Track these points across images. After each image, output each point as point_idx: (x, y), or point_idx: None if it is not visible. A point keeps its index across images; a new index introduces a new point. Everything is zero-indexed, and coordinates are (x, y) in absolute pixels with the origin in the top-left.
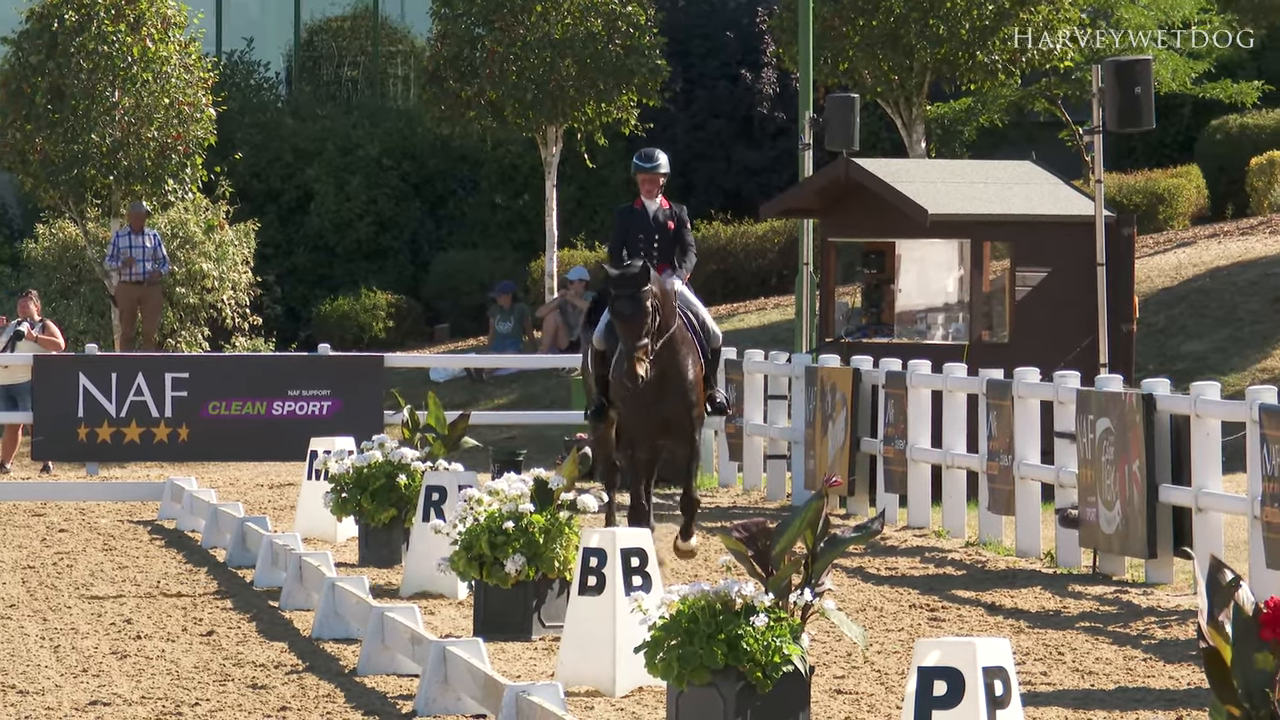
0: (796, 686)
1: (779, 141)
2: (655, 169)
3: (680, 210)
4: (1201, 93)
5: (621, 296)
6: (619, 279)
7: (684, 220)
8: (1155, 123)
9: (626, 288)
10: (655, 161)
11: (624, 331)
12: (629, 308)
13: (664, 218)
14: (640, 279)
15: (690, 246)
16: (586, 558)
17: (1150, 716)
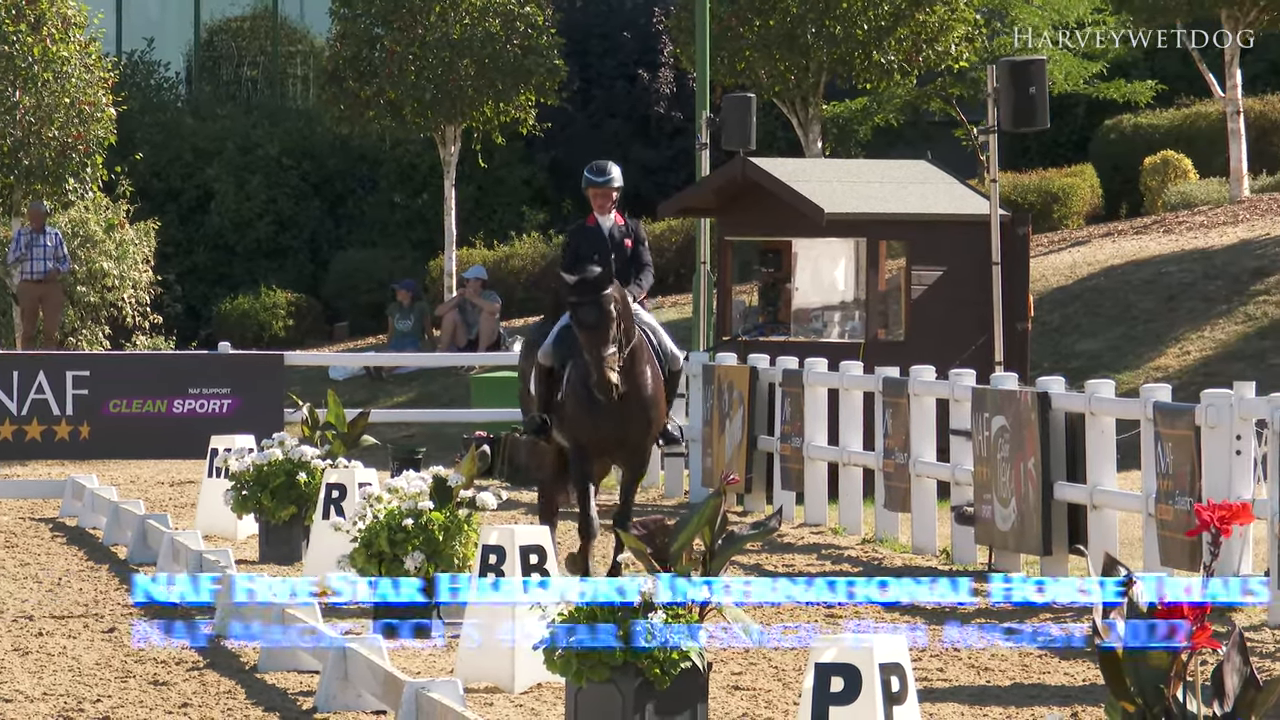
0: (694, 682)
1: (676, 141)
2: (608, 183)
3: (637, 226)
4: (1095, 93)
5: (584, 303)
6: (579, 285)
7: (641, 237)
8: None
9: (588, 293)
10: (608, 175)
11: (589, 340)
12: (593, 314)
13: (620, 235)
14: (601, 283)
15: (647, 265)
16: (486, 555)
17: (1046, 712)
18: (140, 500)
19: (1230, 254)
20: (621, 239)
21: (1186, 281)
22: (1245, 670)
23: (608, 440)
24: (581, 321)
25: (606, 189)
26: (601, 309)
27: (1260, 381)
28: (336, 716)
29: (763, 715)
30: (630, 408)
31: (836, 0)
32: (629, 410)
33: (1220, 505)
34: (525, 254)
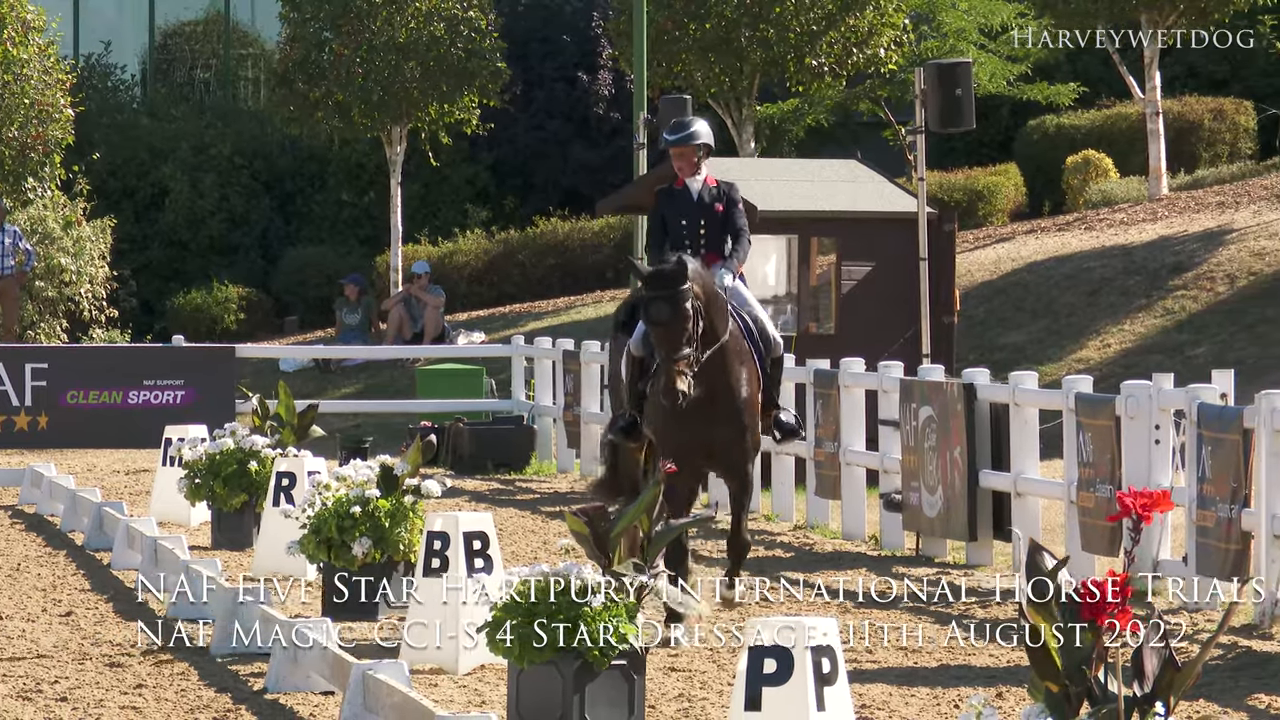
0: (633, 664)
1: (614, 141)
2: (689, 139)
3: (730, 188)
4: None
5: (657, 298)
6: (653, 278)
7: (735, 200)
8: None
9: (662, 287)
10: (688, 129)
11: (661, 340)
12: (666, 312)
13: (710, 198)
14: (677, 277)
15: (743, 231)
16: (430, 541)
17: (971, 693)
18: (97, 488)
19: (1149, 250)
20: (712, 203)
21: (1107, 277)
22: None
23: (692, 447)
24: (653, 318)
25: (688, 147)
26: (676, 306)
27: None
28: (286, 697)
29: (698, 696)
30: (717, 407)
31: (769, 5)
32: (716, 414)
33: (1142, 493)
34: (469, 250)
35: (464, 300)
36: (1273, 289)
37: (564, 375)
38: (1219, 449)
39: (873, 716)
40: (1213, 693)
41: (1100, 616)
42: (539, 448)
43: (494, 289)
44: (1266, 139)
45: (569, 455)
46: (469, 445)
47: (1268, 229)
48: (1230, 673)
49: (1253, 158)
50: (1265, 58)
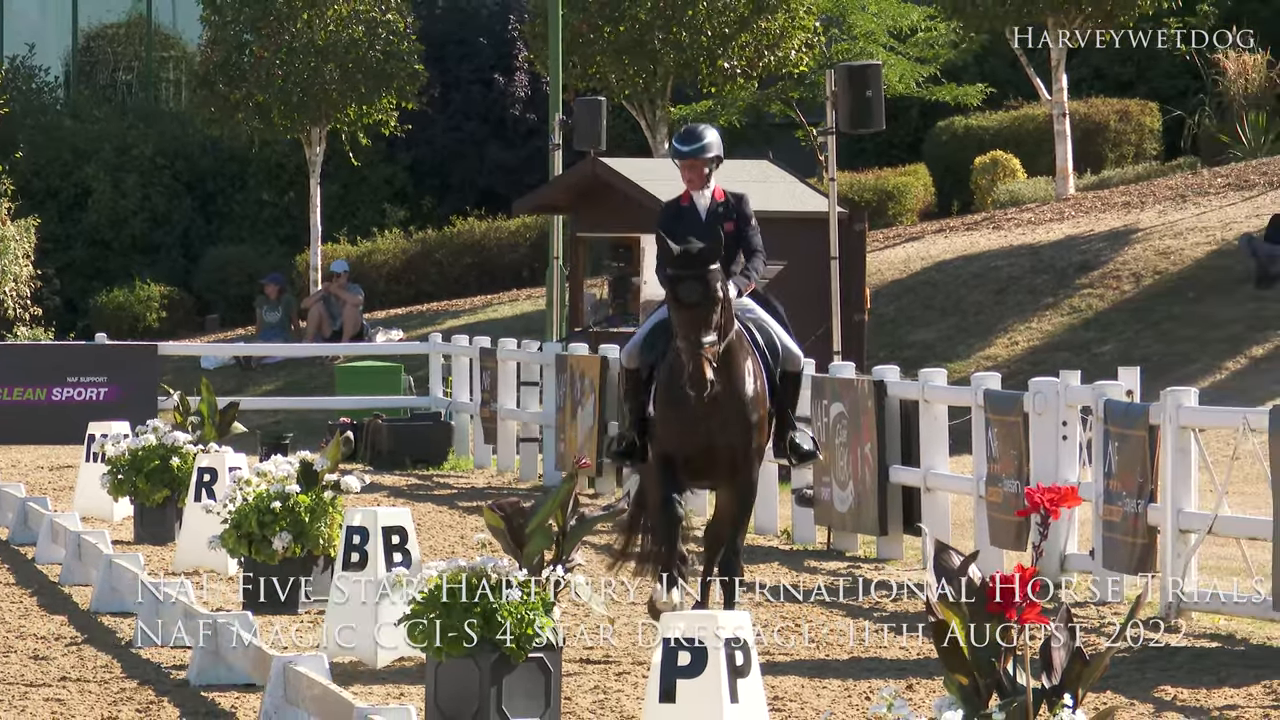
0: (549, 657)
1: (530, 142)
2: (699, 152)
3: (741, 203)
4: (928, 95)
5: (686, 278)
6: (681, 257)
7: (747, 216)
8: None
9: (691, 267)
10: (699, 141)
11: (688, 322)
12: (696, 291)
13: (720, 214)
14: (708, 255)
15: (758, 251)
16: (350, 535)
17: (882, 685)
18: (21, 484)
19: (1056, 249)
20: (721, 219)
21: (1015, 275)
22: (1072, 645)
23: (698, 451)
24: (681, 298)
25: (697, 160)
26: (707, 286)
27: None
28: (208, 690)
29: (614, 688)
30: (725, 412)
31: (683, 8)
32: (723, 415)
33: (1050, 488)
34: (387, 249)
35: (382, 298)
36: (1178, 287)
37: (481, 372)
38: (1125, 445)
39: (785, 708)
40: (1119, 684)
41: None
42: (456, 444)
43: (412, 287)
44: (1171, 140)
45: (486, 451)
46: (387, 441)
47: (1172, 228)
48: (1137, 665)
49: (1158, 158)
50: (1170, 60)
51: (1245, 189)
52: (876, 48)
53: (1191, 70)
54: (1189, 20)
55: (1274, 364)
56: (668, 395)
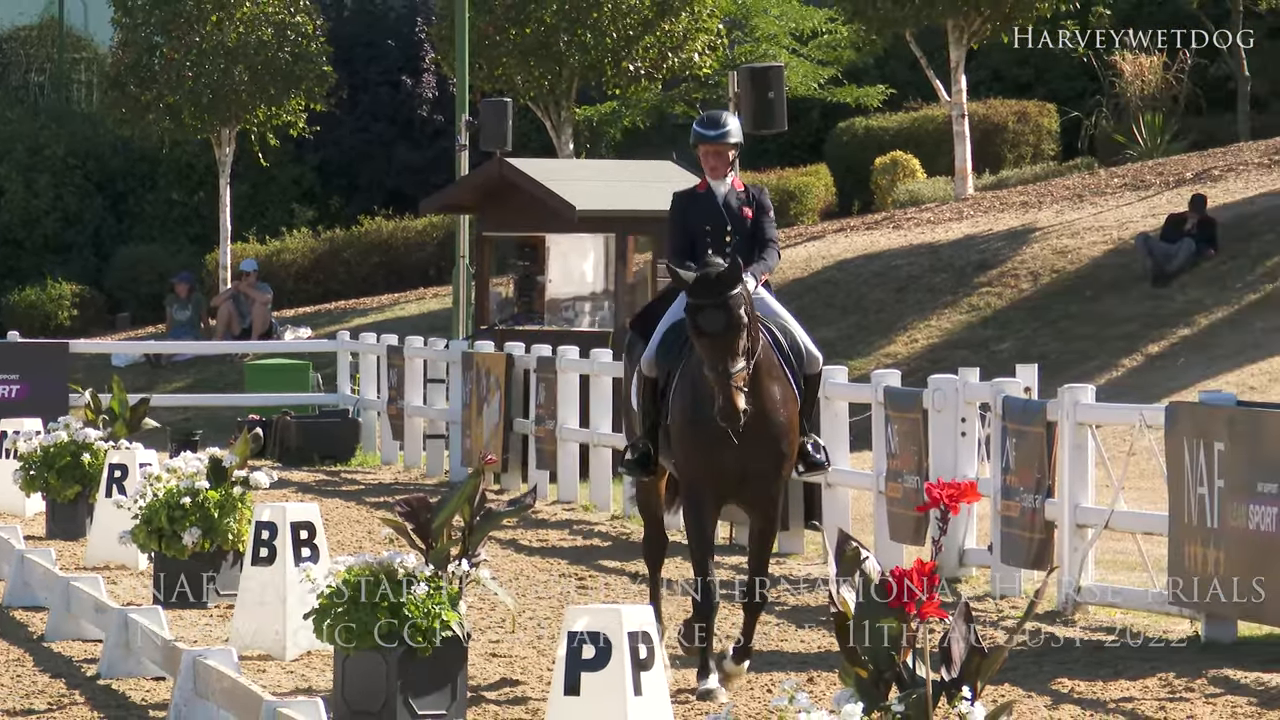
0: (455, 650)
1: (438, 142)
2: (723, 138)
3: (760, 193)
4: (829, 97)
5: (707, 306)
6: (701, 283)
7: (765, 207)
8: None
9: (712, 294)
10: (723, 127)
11: (712, 353)
12: (719, 321)
13: (738, 203)
14: (729, 279)
15: (773, 242)
16: (258, 530)
17: (784, 678)
18: None
19: (955, 248)
20: (739, 208)
21: (915, 274)
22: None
23: (726, 476)
24: (702, 329)
25: (720, 146)
26: (730, 314)
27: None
28: (119, 683)
29: (519, 681)
30: (754, 434)
31: (587, 11)
32: (752, 437)
33: (949, 484)
34: (296, 248)
35: (291, 297)
36: (1075, 286)
37: (388, 370)
38: (1023, 441)
39: (688, 700)
40: (1017, 677)
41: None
42: (364, 440)
43: (320, 286)
44: (1069, 140)
45: (393, 447)
46: (296, 438)
47: (1070, 228)
48: (1034, 658)
49: (1055, 158)
50: (1067, 62)
51: (1141, 189)
52: (779, 50)
53: (1089, 72)
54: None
55: (1170, 361)
56: (691, 415)
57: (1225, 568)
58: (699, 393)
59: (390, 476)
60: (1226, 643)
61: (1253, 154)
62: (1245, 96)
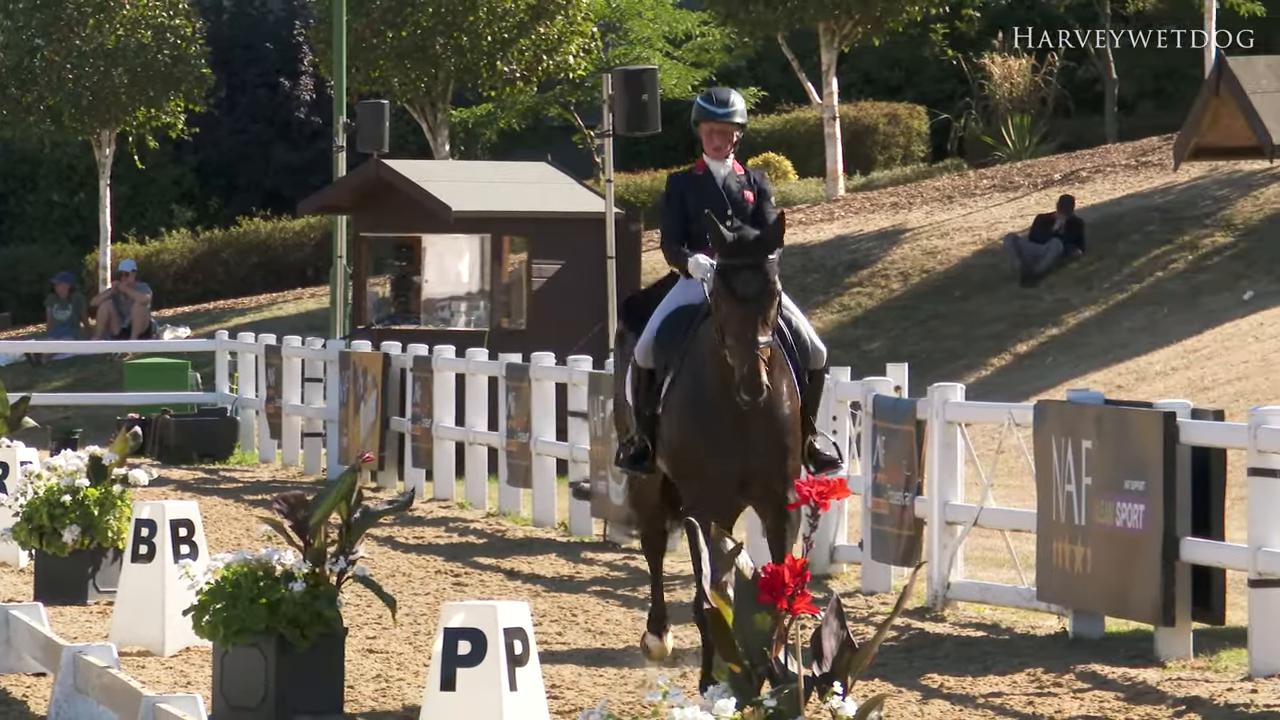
0: (332, 646)
1: (315, 143)
2: (728, 116)
3: (761, 178)
4: None
5: (743, 268)
6: (736, 244)
7: (766, 192)
8: (661, 127)
9: (747, 254)
10: (729, 106)
11: (743, 320)
12: (756, 284)
13: (738, 186)
14: (768, 242)
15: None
16: (138, 528)
17: (656, 673)
18: None
19: (827, 249)
20: (740, 191)
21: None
22: (842, 634)
23: (729, 472)
24: (737, 292)
25: (725, 124)
26: (766, 278)
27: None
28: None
29: (395, 676)
30: (759, 427)
31: (463, 14)
32: (758, 431)
33: (819, 481)
34: (175, 249)
35: (170, 297)
36: (944, 286)
37: (266, 369)
38: (893, 439)
39: (563, 696)
40: (888, 672)
41: (779, 600)
42: (242, 439)
43: (199, 286)
44: (938, 142)
45: (271, 446)
46: (175, 436)
47: (939, 228)
48: (904, 653)
49: (925, 160)
50: (937, 65)
51: (1010, 190)
52: (653, 52)
53: (958, 75)
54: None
55: (1038, 360)
56: (693, 409)
57: (1092, 564)
58: (702, 384)
59: (268, 474)
60: (1094, 638)
61: (1120, 156)
62: (1113, 99)
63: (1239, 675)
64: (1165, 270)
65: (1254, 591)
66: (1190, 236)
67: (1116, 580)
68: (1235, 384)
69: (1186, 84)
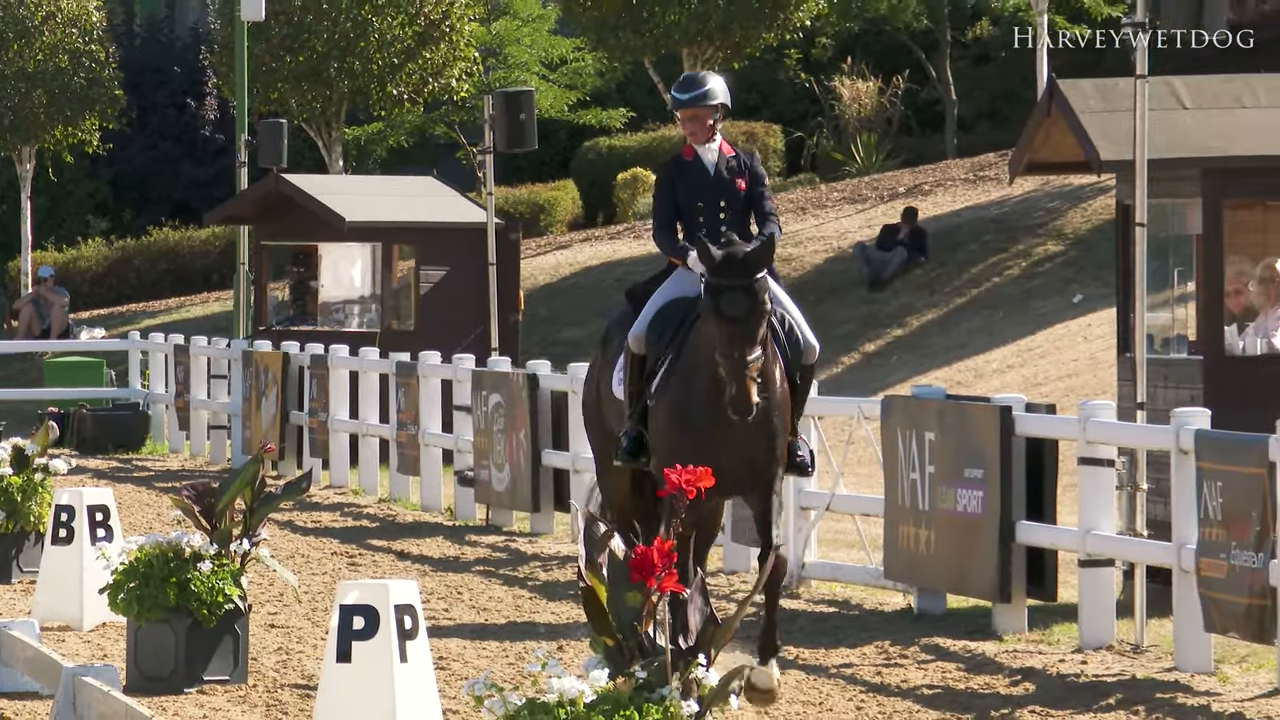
0: (237, 621)
1: (219, 159)
2: (700, 99)
3: (753, 160)
4: (576, 119)
5: (731, 288)
6: (726, 263)
7: (760, 175)
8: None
9: (738, 275)
10: (701, 87)
11: (730, 339)
12: (743, 305)
13: (729, 173)
14: (757, 261)
15: (772, 216)
16: (58, 513)
17: (536, 646)
18: None
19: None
20: (731, 179)
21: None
22: (706, 610)
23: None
24: (724, 312)
25: (699, 109)
26: (754, 298)
27: None
28: None
29: (295, 649)
30: (751, 427)
31: (355, 40)
32: (749, 429)
33: (687, 470)
34: (91, 256)
35: (86, 300)
36: (798, 290)
37: (175, 367)
38: None
39: (449, 667)
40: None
41: (649, 579)
42: (153, 431)
43: (113, 290)
44: (793, 158)
45: (179, 437)
46: (91, 429)
47: (794, 237)
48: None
49: (780, 175)
50: (791, 87)
51: (859, 202)
52: (530, 76)
53: (810, 96)
54: (809, 52)
55: (885, 359)
56: (682, 408)
57: (935, 546)
58: (695, 383)
59: (177, 464)
60: (936, 614)
61: (959, 171)
62: (953, 119)
63: (1070, 648)
64: (1001, 276)
65: (1083, 571)
66: (1024, 245)
67: (957, 561)
68: (1065, 380)
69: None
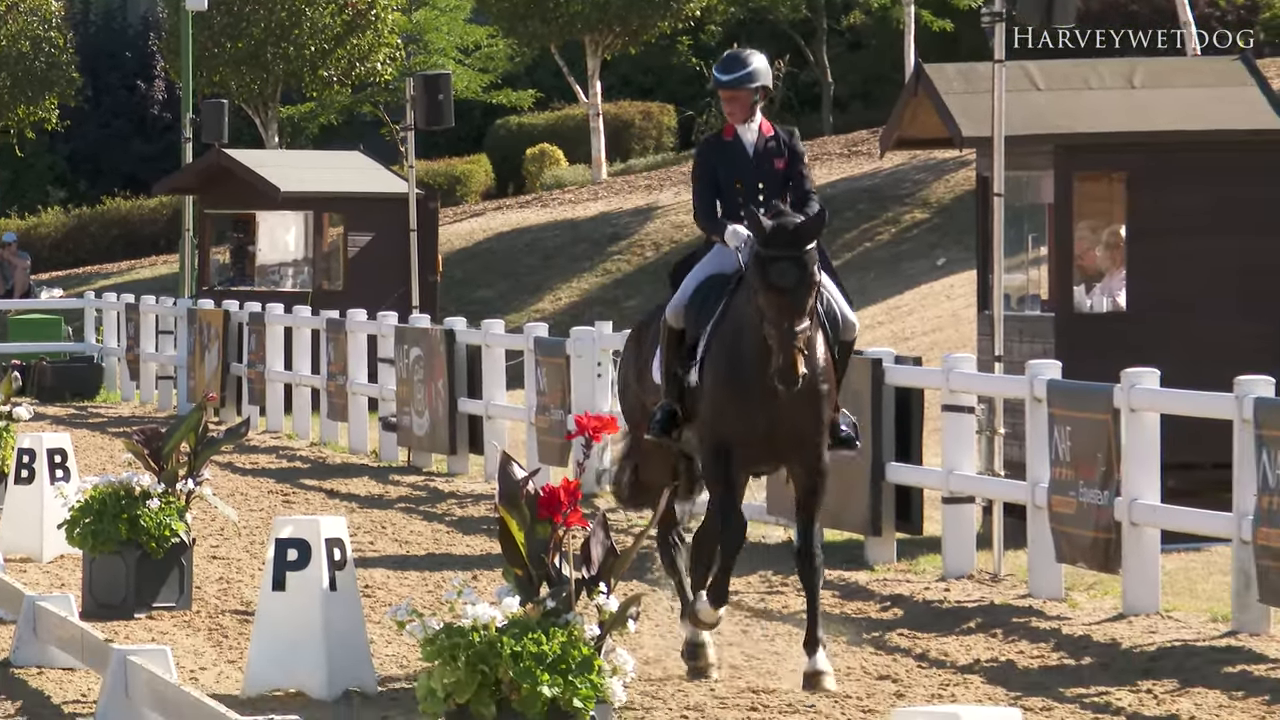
0: (182, 553)
1: (167, 136)
2: (742, 81)
3: (792, 139)
4: (489, 99)
5: (782, 259)
6: (777, 234)
7: (799, 153)
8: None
9: (789, 246)
10: (745, 67)
11: (779, 310)
12: (793, 276)
13: (769, 152)
14: (807, 232)
15: (812, 194)
16: (20, 456)
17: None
18: None
19: (592, 224)
20: (771, 158)
21: (559, 245)
22: (607, 543)
23: (763, 440)
24: (774, 283)
25: (740, 91)
26: (804, 269)
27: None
28: None
29: (235, 579)
30: (797, 396)
31: (290, 28)
32: (795, 399)
33: (595, 416)
34: (50, 223)
35: (46, 263)
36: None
37: (126, 323)
38: None
39: (374, 595)
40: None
41: (556, 515)
42: (106, 381)
43: (71, 254)
44: (684, 134)
45: (130, 386)
46: (51, 379)
47: (685, 206)
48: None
49: (674, 149)
50: (683, 70)
51: None
52: (448, 60)
53: (700, 78)
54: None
55: None
56: (729, 377)
57: None
58: (741, 352)
59: (129, 411)
60: None
61: (835, 146)
62: (829, 99)
63: (935, 576)
64: (872, 241)
65: (946, 507)
66: (893, 213)
67: (833, 498)
68: (930, 335)
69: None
